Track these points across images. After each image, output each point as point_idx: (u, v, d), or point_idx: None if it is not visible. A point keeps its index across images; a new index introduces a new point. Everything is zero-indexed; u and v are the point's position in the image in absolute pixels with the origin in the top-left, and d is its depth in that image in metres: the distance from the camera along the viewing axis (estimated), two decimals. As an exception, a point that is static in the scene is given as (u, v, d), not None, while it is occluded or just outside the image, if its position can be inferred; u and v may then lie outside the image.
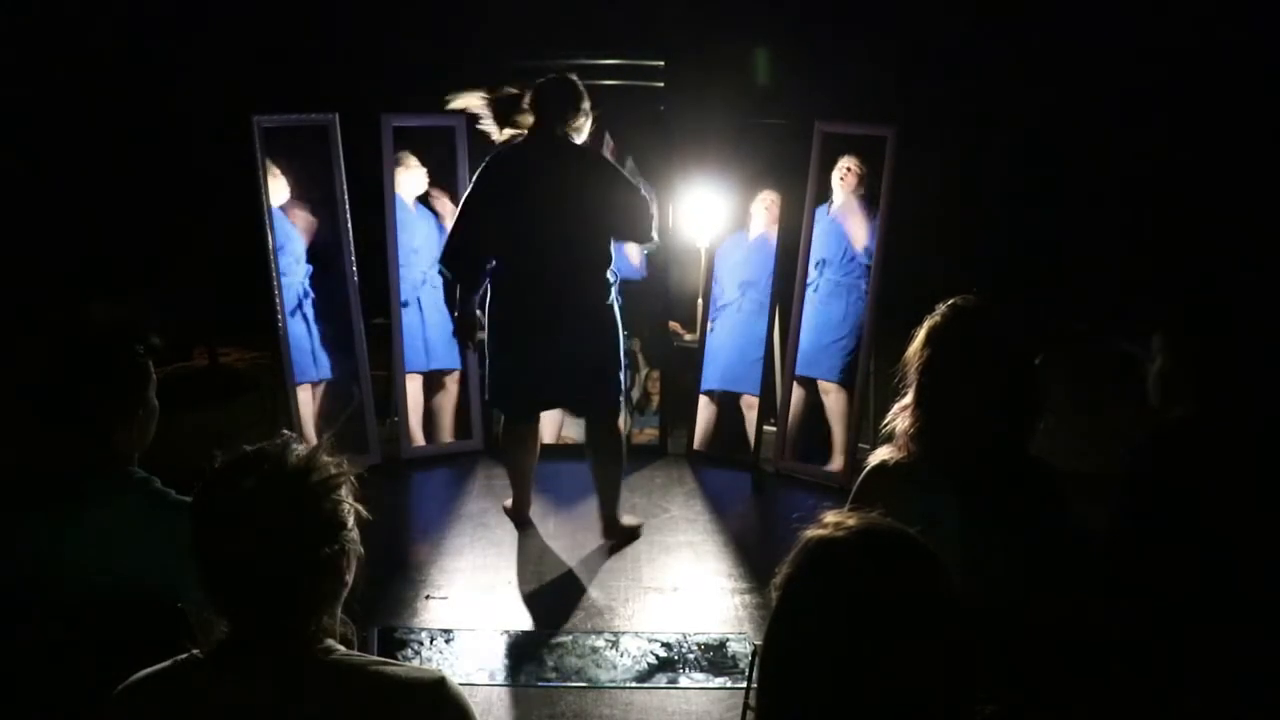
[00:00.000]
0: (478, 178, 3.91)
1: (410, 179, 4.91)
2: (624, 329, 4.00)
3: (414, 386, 4.99)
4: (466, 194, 3.96)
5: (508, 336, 3.91)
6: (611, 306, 3.92)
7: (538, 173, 3.80)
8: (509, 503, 4.32)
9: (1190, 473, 2.25)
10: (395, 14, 6.38)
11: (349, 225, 4.78)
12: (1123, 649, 2.16)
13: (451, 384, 5.05)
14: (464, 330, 4.00)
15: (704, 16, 6.17)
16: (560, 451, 4.85)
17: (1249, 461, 2.25)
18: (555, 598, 3.73)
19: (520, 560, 4.01)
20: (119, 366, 2.02)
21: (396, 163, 4.87)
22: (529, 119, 3.85)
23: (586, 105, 3.88)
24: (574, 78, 3.90)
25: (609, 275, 3.89)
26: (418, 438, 5.00)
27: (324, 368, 4.86)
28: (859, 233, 4.73)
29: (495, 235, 3.86)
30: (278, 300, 4.69)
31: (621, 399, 4.07)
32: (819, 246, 4.82)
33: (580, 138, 3.90)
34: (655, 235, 3.94)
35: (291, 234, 4.75)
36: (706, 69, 5.93)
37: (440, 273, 4.11)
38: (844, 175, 4.74)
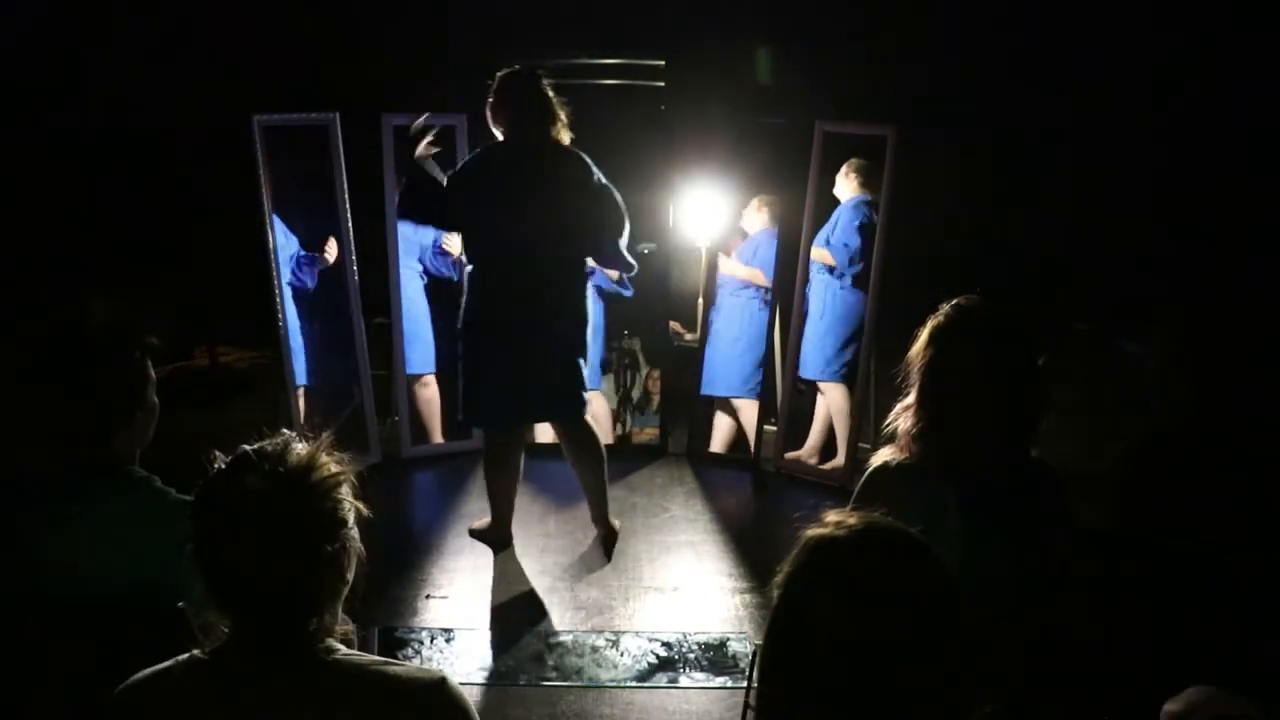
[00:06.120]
0: (462, 168, 3.80)
1: None
2: (591, 322, 3.89)
3: (427, 390, 5.01)
4: (449, 176, 3.79)
5: (488, 343, 3.78)
6: (585, 307, 3.85)
7: (513, 174, 3.69)
8: (482, 524, 4.14)
9: (1187, 475, 2.24)
10: (395, 14, 6.38)
11: (349, 225, 4.78)
12: (1119, 650, 2.16)
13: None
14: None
15: (704, 16, 6.16)
16: (558, 451, 4.82)
17: (1246, 463, 2.24)
18: (556, 597, 3.73)
19: (520, 560, 4.01)
20: (118, 367, 2.02)
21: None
22: (504, 117, 3.72)
23: (555, 103, 3.70)
24: (538, 72, 3.73)
25: (586, 275, 3.84)
26: (427, 436, 5.01)
27: (319, 372, 4.85)
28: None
29: (469, 232, 3.81)
30: (278, 300, 4.69)
31: (585, 393, 3.92)
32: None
33: (561, 134, 3.73)
34: (625, 253, 3.80)
35: (292, 234, 4.75)
36: (706, 69, 5.93)
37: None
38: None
